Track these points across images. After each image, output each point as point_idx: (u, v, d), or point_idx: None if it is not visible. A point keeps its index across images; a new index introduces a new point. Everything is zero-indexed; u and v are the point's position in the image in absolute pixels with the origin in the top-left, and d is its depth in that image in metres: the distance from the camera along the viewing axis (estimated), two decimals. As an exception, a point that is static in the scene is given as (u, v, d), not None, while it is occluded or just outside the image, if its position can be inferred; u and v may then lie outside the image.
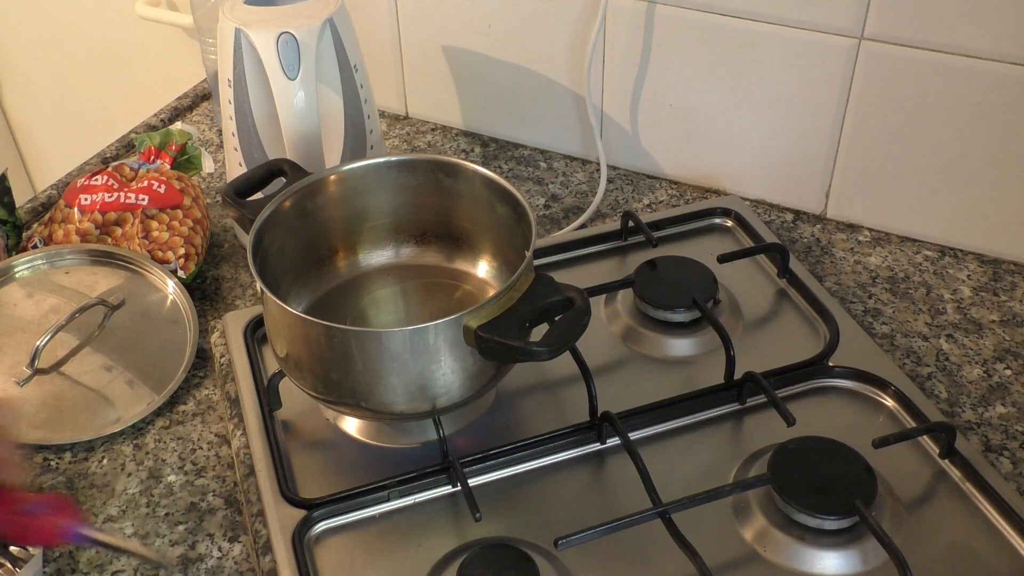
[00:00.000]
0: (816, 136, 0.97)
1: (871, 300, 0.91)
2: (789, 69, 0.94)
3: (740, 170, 1.03)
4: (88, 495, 0.76)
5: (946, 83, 0.88)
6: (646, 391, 0.78)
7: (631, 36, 1.00)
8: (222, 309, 0.92)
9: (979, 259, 0.95)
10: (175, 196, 0.93)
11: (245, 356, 0.82)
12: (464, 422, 0.77)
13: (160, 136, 0.99)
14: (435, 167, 0.81)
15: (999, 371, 0.83)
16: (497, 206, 0.78)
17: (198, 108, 1.22)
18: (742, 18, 0.94)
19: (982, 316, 0.89)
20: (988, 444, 0.77)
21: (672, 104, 1.02)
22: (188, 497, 0.76)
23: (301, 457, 0.75)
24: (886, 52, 0.89)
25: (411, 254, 0.85)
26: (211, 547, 0.72)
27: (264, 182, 0.81)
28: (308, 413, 0.78)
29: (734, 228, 0.97)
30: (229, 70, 0.89)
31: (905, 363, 0.84)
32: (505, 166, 1.11)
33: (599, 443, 0.76)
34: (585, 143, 1.10)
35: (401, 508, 0.72)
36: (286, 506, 0.70)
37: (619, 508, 0.69)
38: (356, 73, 0.91)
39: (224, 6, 0.89)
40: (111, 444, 0.80)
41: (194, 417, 0.82)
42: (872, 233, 0.99)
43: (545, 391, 0.80)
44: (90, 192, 0.93)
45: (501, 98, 1.12)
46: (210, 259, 0.98)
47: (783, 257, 0.89)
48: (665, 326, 0.85)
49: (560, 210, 1.04)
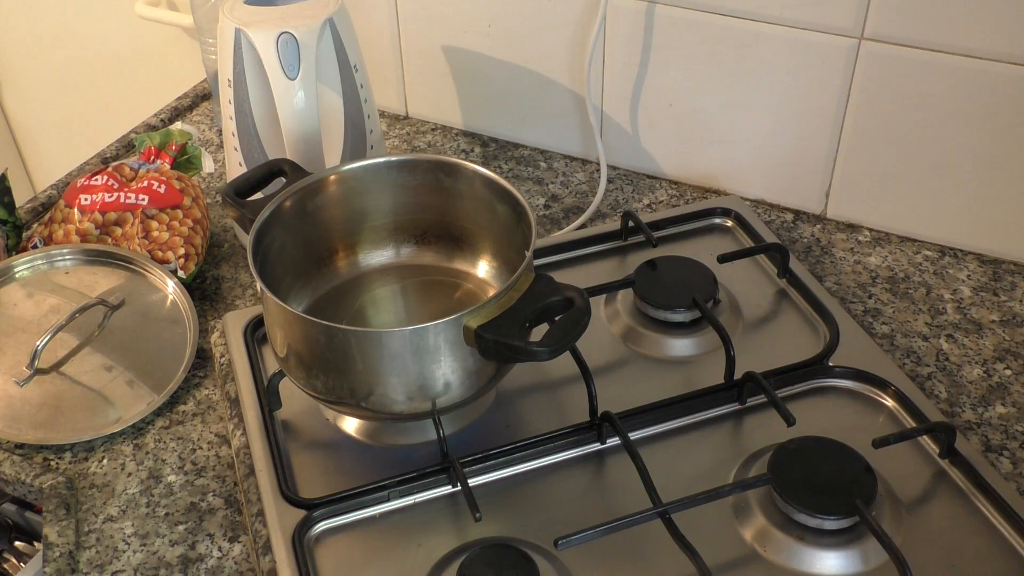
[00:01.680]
0: (816, 136, 0.97)
1: (871, 300, 0.91)
2: (789, 69, 0.94)
3: (740, 170, 1.03)
4: (88, 495, 0.76)
5: (946, 83, 0.88)
6: (646, 391, 0.78)
7: (631, 36, 1.00)
8: (222, 309, 0.92)
9: (979, 259, 0.95)
10: (175, 196, 0.93)
11: (245, 356, 0.82)
12: (464, 422, 0.77)
13: (160, 136, 0.99)
14: (435, 167, 0.81)
15: (999, 371, 0.83)
16: (497, 206, 0.78)
17: (198, 108, 1.22)
18: (742, 18, 0.94)
19: (982, 316, 0.89)
20: (988, 444, 0.77)
21: (672, 104, 1.02)
22: (188, 497, 0.76)
23: (301, 457, 0.75)
24: (886, 52, 0.89)
25: (411, 254, 0.85)
26: (211, 547, 0.72)
27: (264, 182, 0.81)
28: (308, 413, 0.79)
29: (734, 228, 0.97)
30: (229, 70, 0.89)
31: (905, 363, 0.84)
32: (505, 166, 1.11)
33: (599, 443, 0.76)
34: (585, 143, 1.10)
35: (401, 508, 0.72)
36: (286, 506, 0.70)
37: (619, 508, 0.69)
38: (356, 73, 0.91)
39: (224, 6, 0.89)
40: (111, 444, 0.80)
41: (194, 417, 0.82)
42: (872, 233, 0.99)
43: (545, 391, 0.80)
44: (90, 192, 0.93)
45: (501, 98, 1.12)
46: (210, 259, 0.98)
47: (783, 257, 0.89)
48: (665, 326, 0.85)
49: (560, 210, 1.04)
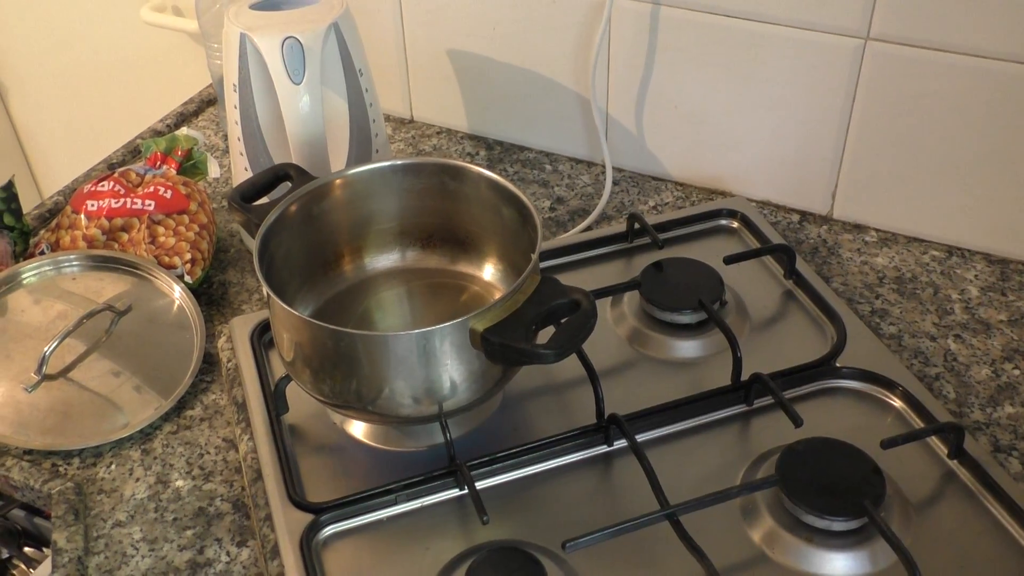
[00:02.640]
0: (822, 137, 0.97)
1: (878, 300, 0.91)
2: (794, 70, 0.94)
3: (746, 171, 1.03)
4: (96, 501, 0.76)
5: (952, 83, 0.88)
6: (653, 393, 0.78)
7: (636, 38, 1.00)
8: (229, 314, 0.92)
9: (987, 259, 0.95)
10: (181, 201, 0.93)
11: (252, 360, 0.82)
12: (471, 425, 0.77)
13: (166, 141, 0.99)
14: (440, 170, 0.81)
15: (1007, 371, 0.83)
16: (503, 209, 0.78)
17: (204, 113, 1.23)
18: (747, 19, 0.94)
19: (990, 316, 0.89)
20: (997, 444, 0.77)
21: (677, 106, 1.02)
22: (196, 502, 0.76)
23: (308, 461, 0.76)
24: (892, 52, 0.89)
25: (417, 257, 0.85)
26: (219, 552, 0.72)
27: (270, 187, 0.81)
28: (315, 417, 0.79)
29: (740, 229, 0.97)
30: (234, 75, 0.89)
31: (913, 364, 0.84)
32: (510, 169, 1.11)
33: (606, 445, 0.75)
34: (590, 145, 1.10)
35: (408, 512, 0.72)
36: (294, 510, 0.70)
37: (627, 510, 0.69)
38: (361, 77, 0.91)
39: (229, 11, 0.89)
40: (119, 450, 0.80)
41: (201, 422, 0.82)
42: (879, 233, 0.99)
43: (552, 394, 0.80)
44: (96, 198, 0.93)
45: (506, 101, 1.12)
46: (216, 264, 0.98)
47: (789, 258, 0.89)
48: (672, 328, 0.84)
49: (565, 212, 1.04)
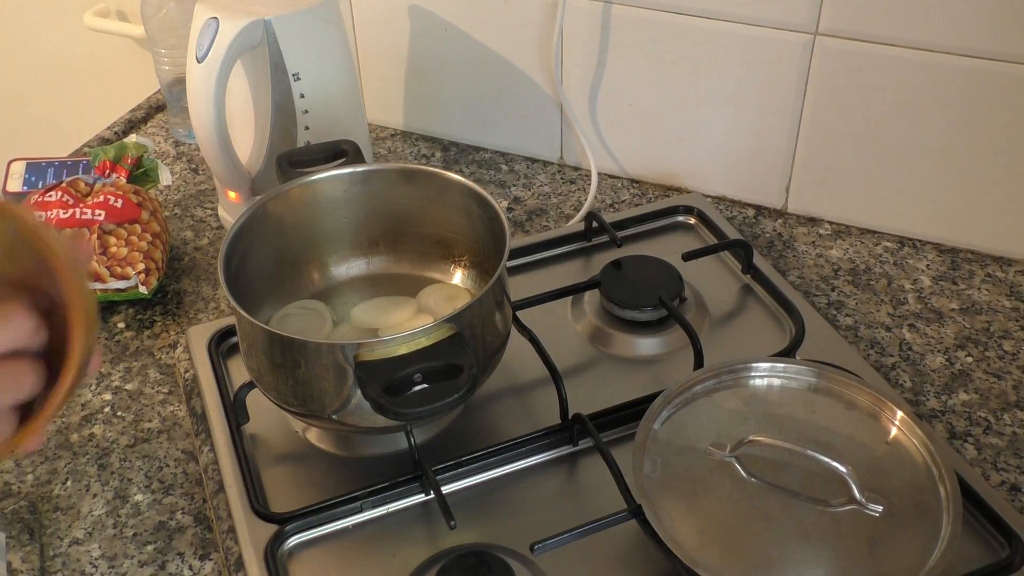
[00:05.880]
0: (774, 131, 0.98)
1: (834, 293, 0.92)
2: (746, 66, 0.95)
3: (701, 167, 1.04)
4: (52, 518, 0.74)
5: (900, 77, 0.89)
6: (616, 391, 0.79)
7: (589, 37, 1.00)
8: (185, 324, 0.91)
9: (937, 248, 0.97)
10: (133, 210, 0.92)
11: (211, 370, 0.81)
12: (435, 429, 0.77)
13: (115, 149, 0.97)
14: (402, 175, 0.80)
15: (960, 359, 0.85)
16: (473, 209, 0.78)
17: (152, 120, 1.20)
18: (698, 16, 0.94)
19: (942, 305, 0.90)
20: (953, 431, 0.78)
21: (632, 103, 1.03)
22: (156, 516, 0.74)
23: (271, 471, 0.75)
24: (841, 47, 0.90)
25: (385, 263, 0.85)
26: (182, 566, 0.71)
27: (325, 160, 0.82)
28: (276, 426, 0.78)
29: (697, 225, 0.97)
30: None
31: (869, 354, 0.85)
32: (467, 170, 1.10)
33: (571, 445, 0.75)
34: (546, 145, 1.10)
35: (374, 519, 0.71)
36: (257, 521, 0.69)
37: (594, 510, 0.68)
38: (296, 81, 0.90)
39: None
40: (75, 465, 0.78)
41: (159, 435, 0.81)
42: (832, 226, 1.00)
43: (515, 395, 0.80)
44: (44, 208, 0.91)
45: (460, 102, 1.11)
46: (171, 273, 0.96)
47: (746, 253, 0.90)
48: (632, 326, 0.85)
49: (523, 212, 1.04)
